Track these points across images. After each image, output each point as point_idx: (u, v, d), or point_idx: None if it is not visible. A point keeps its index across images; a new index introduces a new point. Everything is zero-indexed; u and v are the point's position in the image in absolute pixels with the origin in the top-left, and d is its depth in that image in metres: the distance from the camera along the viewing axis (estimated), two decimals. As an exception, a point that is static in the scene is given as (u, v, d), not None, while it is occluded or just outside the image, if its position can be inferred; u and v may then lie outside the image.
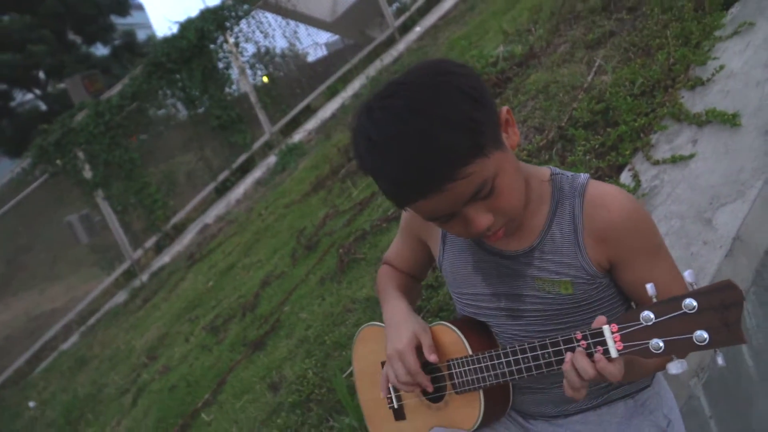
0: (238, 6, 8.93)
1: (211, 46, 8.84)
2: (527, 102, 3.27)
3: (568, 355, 1.05)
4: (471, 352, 1.24)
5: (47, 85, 24.76)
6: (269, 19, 9.40)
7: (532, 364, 1.13)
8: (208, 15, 8.72)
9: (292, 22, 9.69)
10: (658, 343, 0.96)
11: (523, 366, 1.15)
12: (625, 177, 2.43)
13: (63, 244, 9.31)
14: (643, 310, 0.97)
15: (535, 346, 1.12)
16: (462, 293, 1.32)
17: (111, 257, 8.82)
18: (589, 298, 1.18)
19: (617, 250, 1.14)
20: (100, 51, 26.20)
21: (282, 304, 3.69)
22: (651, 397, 1.30)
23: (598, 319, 1.02)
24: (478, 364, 1.22)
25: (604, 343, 1.01)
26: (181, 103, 9.10)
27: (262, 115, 9.10)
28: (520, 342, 1.15)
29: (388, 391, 1.39)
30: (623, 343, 0.99)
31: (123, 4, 24.86)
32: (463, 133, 1.00)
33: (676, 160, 2.35)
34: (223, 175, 8.95)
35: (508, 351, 1.17)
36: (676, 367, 0.95)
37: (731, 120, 2.35)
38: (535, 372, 1.13)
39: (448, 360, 1.28)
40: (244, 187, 8.42)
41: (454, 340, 1.27)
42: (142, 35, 29.55)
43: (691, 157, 2.32)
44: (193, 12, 22.24)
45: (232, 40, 8.99)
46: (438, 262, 1.36)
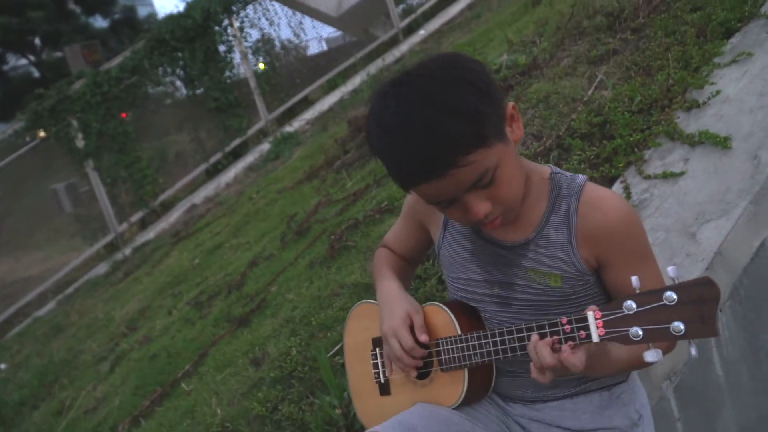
0: (246, -9, 8.97)
1: (216, 28, 8.84)
2: (527, 110, 3.33)
3: (533, 336, 1.11)
4: (460, 333, 1.30)
5: (42, 52, 24.49)
6: (276, 7, 9.42)
7: (517, 345, 1.18)
8: (215, -4, 8.71)
9: (299, 14, 9.72)
10: (637, 331, 1.00)
11: (508, 347, 1.20)
12: (616, 188, 2.50)
13: (45, 212, 9.22)
14: (626, 300, 1.02)
15: (522, 328, 1.17)
16: (457, 278, 1.37)
17: (94, 228, 8.76)
18: (576, 293, 1.23)
19: (607, 251, 1.20)
20: (99, 23, 25.96)
21: (269, 285, 3.70)
22: (626, 391, 1.35)
23: (590, 307, 1.08)
24: (465, 342, 1.28)
25: (587, 328, 1.06)
26: (180, 82, 9.08)
27: (259, 102, 9.11)
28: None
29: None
30: (605, 329, 1.04)
31: (126, -22, 24.74)
32: (469, 124, 1.06)
33: (666, 176, 2.42)
34: (216, 157, 8.95)
35: (495, 332, 1.22)
36: (652, 355, 0.99)
37: (722, 143, 2.42)
38: (519, 353, 1.18)
39: (438, 338, 1.34)
40: (235, 172, 8.41)
41: (445, 321, 1.33)
42: (143, 12, 29.32)
43: (682, 174, 2.40)
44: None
45: (237, 24, 8.99)
46: (437, 246, 1.41)
